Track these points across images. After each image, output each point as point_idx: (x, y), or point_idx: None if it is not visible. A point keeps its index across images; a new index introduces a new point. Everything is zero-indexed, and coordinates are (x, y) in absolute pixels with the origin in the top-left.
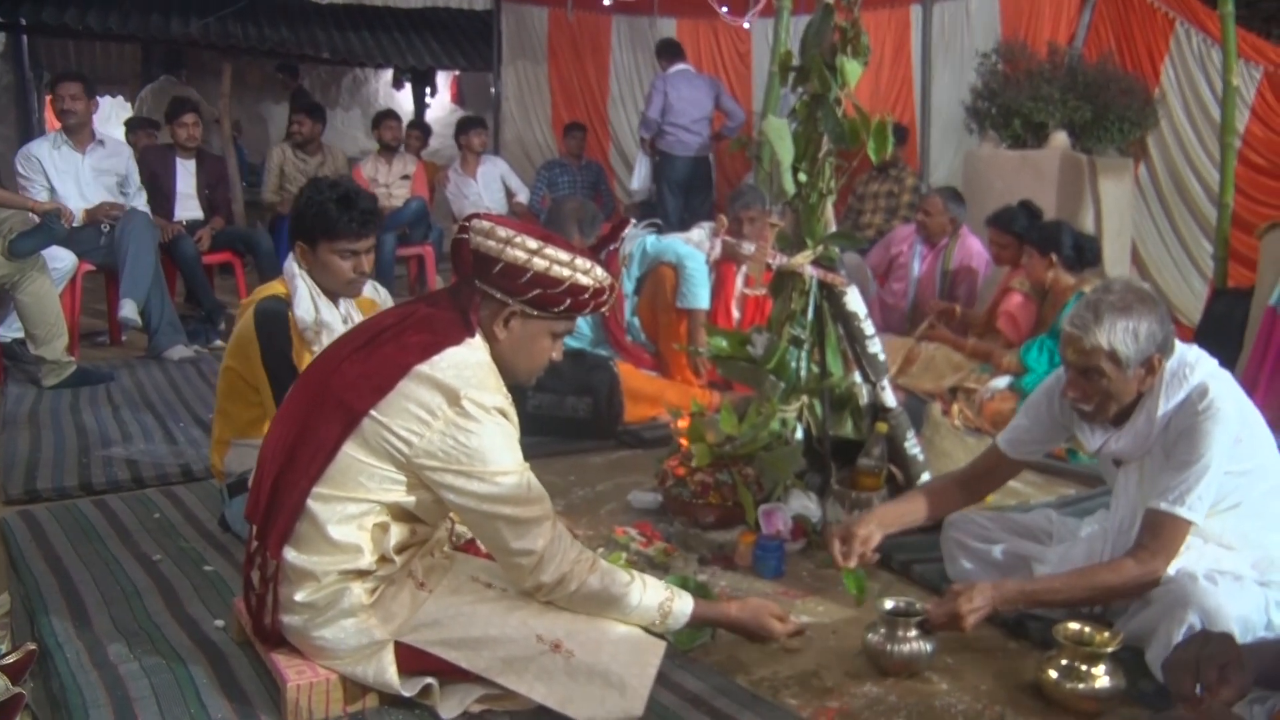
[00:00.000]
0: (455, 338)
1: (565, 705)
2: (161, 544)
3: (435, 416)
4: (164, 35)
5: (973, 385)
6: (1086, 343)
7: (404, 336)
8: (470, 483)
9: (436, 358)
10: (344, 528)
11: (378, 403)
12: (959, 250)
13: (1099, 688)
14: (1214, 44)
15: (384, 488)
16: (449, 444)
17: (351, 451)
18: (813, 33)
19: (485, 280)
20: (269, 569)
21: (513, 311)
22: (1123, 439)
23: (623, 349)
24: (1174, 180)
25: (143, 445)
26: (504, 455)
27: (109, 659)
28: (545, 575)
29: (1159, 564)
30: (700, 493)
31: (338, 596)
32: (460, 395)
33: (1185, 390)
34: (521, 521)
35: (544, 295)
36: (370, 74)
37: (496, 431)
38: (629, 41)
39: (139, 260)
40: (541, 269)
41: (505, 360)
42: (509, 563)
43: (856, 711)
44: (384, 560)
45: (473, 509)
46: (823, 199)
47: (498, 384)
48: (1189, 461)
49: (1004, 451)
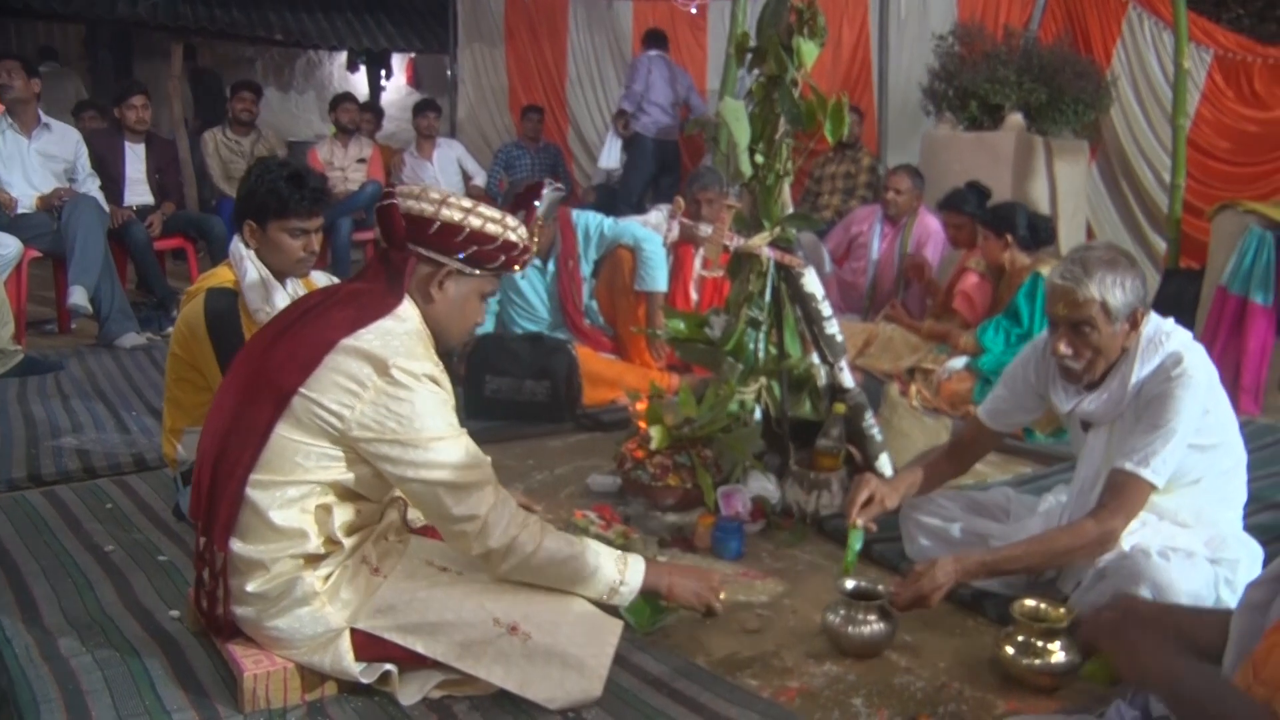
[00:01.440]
0: (381, 309)
1: (524, 688)
2: (114, 534)
3: (365, 387)
4: (110, 15)
5: (930, 366)
6: (1080, 294)
7: (330, 313)
8: (406, 451)
9: (362, 330)
10: (286, 512)
11: (305, 379)
12: (917, 228)
13: (1054, 663)
14: (1165, 27)
15: (321, 466)
16: (381, 414)
17: (284, 432)
18: (769, 14)
19: (420, 243)
20: (217, 563)
21: (449, 271)
22: (1095, 401)
23: (581, 332)
24: (1126, 162)
25: (94, 434)
26: (438, 421)
27: (60, 652)
28: (492, 540)
29: (1118, 522)
30: (659, 475)
31: (290, 586)
32: (389, 364)
33: (1160, 356)
34: (461, 486)
35: (480, 252)
36: (324, 57)
37: (429, 398)
38: (586, 23)
39: (88, 246)
40: (477, 226)
41: (439, 323)
42: (452, 531)
43: (817, 691)
44: (332, 543)
45: (411, 479)
46: (780, 180)
47: (426, 351)
48: (1157, 425)
49: (984, 422)
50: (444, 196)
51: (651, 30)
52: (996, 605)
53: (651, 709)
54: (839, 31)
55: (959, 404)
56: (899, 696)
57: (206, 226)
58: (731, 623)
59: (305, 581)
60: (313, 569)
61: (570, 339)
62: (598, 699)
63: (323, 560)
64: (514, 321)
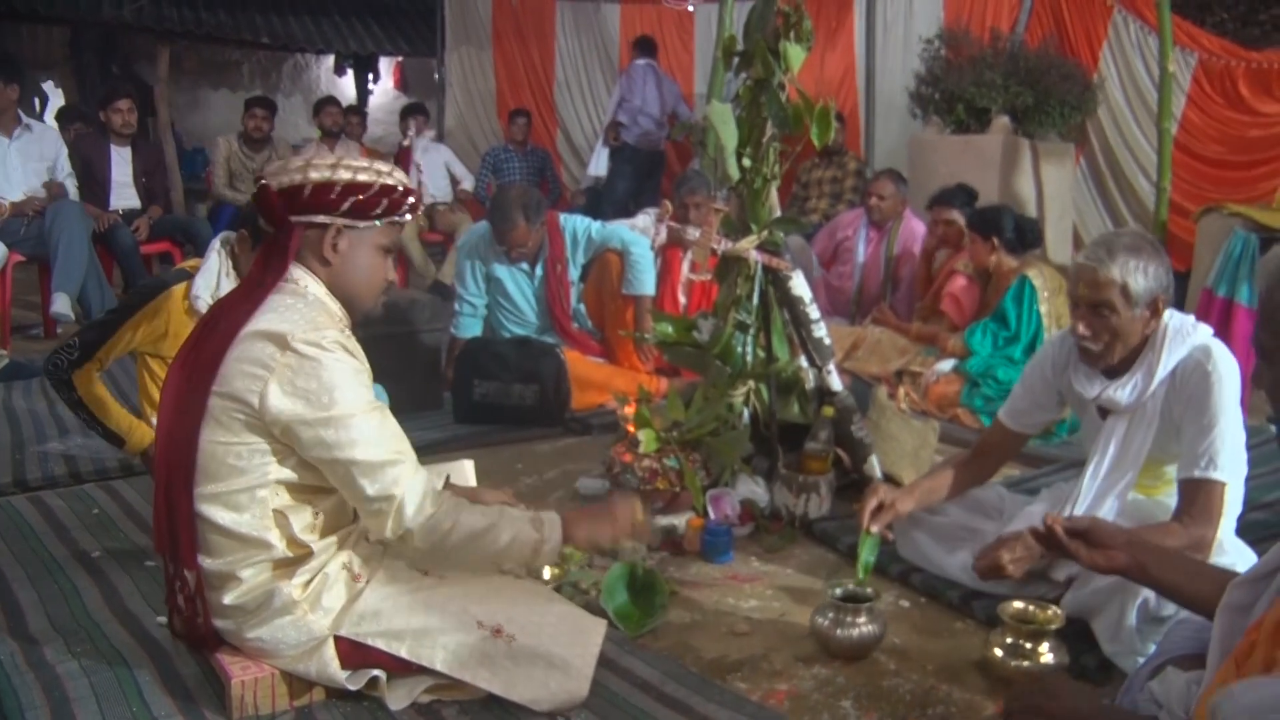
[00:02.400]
0: (270, 285)
1: (510, 690)
2: (100, 540)
3: (269, 368)
4: (95, 18)
5: (918, 369)
6: (1101, 275)
7: (234, 309)
8: (317, 430)
9: (258, 312)
10: (240, 518)
11: (215, 377)
12: (903, 232)
13: (1043, 664)
14: (1151, 31)
15: (257, 465)
16: (288, 391)
17: (210, 437)
18: (756, 18)
19: (299, 211)
20: (190, 584)
21: (337, 229)
22: (1121, 389)
23: (569, 336)
24: (1113, 165)
25: (80, 440)
26: (348, 394)
27: (46, 659)
28: (409, 520)
29: (1206, 530)
30: (648, 479)
31: (268, 597)
32: (288, 338)
33: (1187, 348)
34: (375, 465)
35: (360, 202)
36: (311, 60)
37: (337, 367)
38: (574, 26)
39: (71, 252)
40: (348, 178)
41: (343, 284)
42: (369, 511)
43: (805, 693)
44: (298, 545)
45: (325, 459)
46: (767, 184)
47: (331, 320)
48: (1210, 425)
49: (1006, 424)
50: (307, 161)
51: (642, 37)
52: (985, 607)
53: (640, 712)
54: (825, 35)
55: (947, 406)
56: (888, 699)
57: (193, 230)
58: (720, 626)
59: (283, 591)
60: (288, 578)
61: (559, 343)
62: (584, 699)
63: (297, 567)
64: (502, 325)
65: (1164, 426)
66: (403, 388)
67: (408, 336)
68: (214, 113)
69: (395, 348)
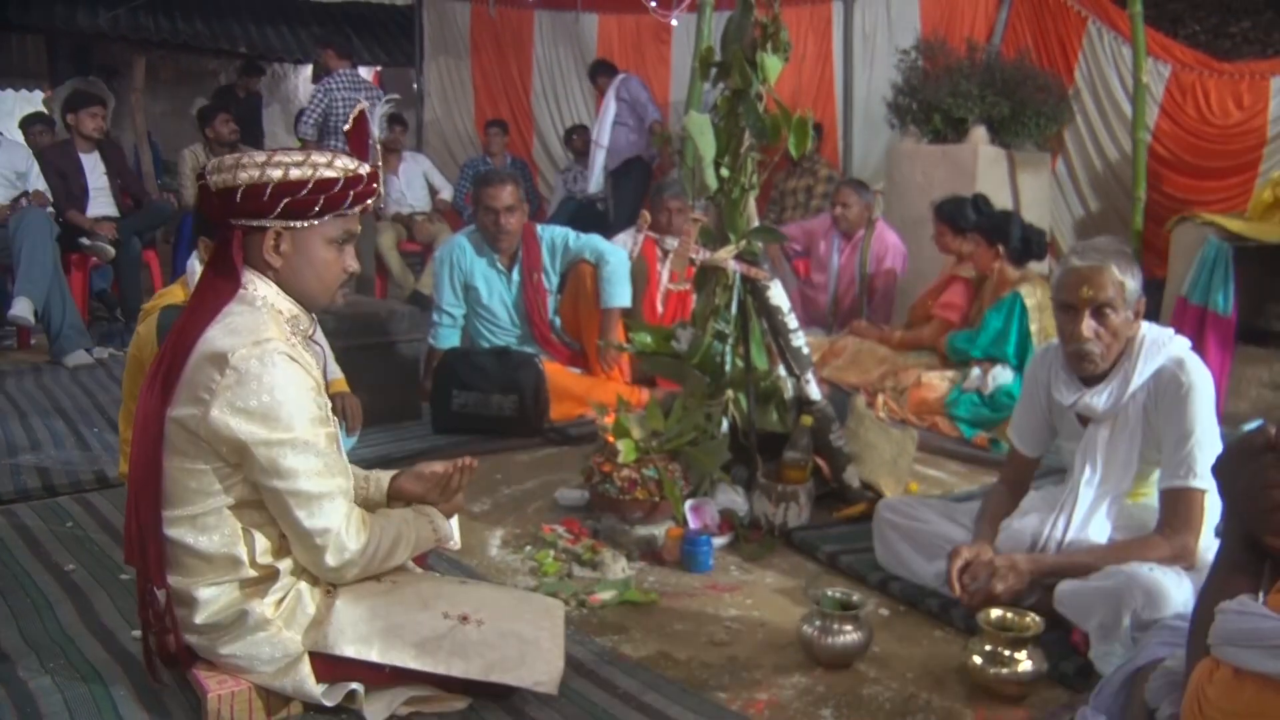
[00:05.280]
0: (223, 296)
1: (488, 672)
2: (74, 553)
3: (210, 392)
4: (70, 27)
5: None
6: (1106, 275)
7: (194, 324)
8: (261, 450)
9: (210, 329)
10: (207, 539)
11: (169, 400)
12: (875, 245)
13: (1022, 671)
14: (1124, 42)
15: (218, 488)
16: (228, 411)
17: (170, 462)
18: (734, 28)
19: (235, 214)
20: (160, 601)
21: (276, 232)
22: (1097, 396)
23: (548, 344)
24: (1089, 174)
25: (53, 452)
26: (291, 408)
27: (18, 674)
28: (348, 553)
29: (1188, 539)
30: (627, 489)
31: (240, 616)
32: (229, 356)
33: (1163, 357)
34: (314, 497)
35: (294, 202)
36: (289, 69)
37: (280, 382)
38: (551, 36)
39: (34, 258)
40: (278, 177)
41: (294, 285)
42: (306, 545)
43: (785, 702)
44: (264, 566)
45: (267, 487)
46: (745, 194)
47: (279, 329)
48: (1186, 434)
49: (1018, 449)
50: (237, 160)
51: (601, 61)
52: (963, 615)
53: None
54: (803, 46)
55: (927, 413)
56: (867, 707)
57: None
58: (700, 635)
59: (255, 611)
60: (260, 596)
61: (538, 353)
62: (561, 673)
63: (268, 586)
64: (481, 335)
65: (1147, 435)
66: (381, 398)
67: (386, 347)
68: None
69: (373, 358)
